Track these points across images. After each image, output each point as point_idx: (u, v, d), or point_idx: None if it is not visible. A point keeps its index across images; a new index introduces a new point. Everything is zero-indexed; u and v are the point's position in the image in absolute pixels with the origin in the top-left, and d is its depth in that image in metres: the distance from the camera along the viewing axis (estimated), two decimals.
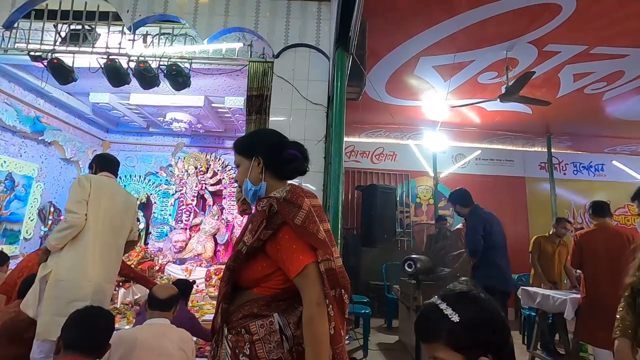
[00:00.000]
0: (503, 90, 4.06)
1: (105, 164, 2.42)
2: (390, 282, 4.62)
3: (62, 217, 5.22)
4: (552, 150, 6.27)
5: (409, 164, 6.81)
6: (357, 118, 5.88)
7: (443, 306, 0.79)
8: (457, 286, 0.84)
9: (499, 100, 4.13)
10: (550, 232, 4.11)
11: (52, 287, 2.02)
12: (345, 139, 7.36)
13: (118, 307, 3.78)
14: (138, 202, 6.26)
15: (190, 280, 3.11)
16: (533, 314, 4.02)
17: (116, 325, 3.31)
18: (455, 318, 0.76)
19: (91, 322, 1.57)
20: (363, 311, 3.61)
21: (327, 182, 3.01)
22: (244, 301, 1.16)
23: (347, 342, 3.66)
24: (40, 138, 5.39)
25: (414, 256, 2.34)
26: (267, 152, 1.24)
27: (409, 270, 2.29)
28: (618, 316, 1.51)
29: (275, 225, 1.11)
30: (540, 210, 6.48)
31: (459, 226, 5.01)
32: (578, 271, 3.39)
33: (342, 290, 1.11)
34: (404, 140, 6.82)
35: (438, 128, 5.68)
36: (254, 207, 1.25)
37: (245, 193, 1.24)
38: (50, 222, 5.52)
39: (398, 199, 6.62)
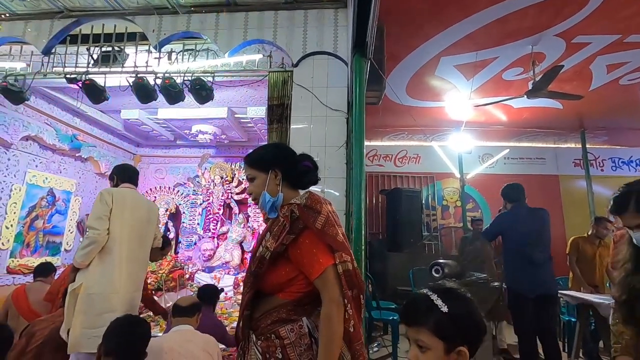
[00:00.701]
0: (530, 86, 3.92)
1: (125, 175, 2.45)
2: (418, 287, 4.51)
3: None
4: (587, 145, 5.96)
5: (433, 165, 6.68)
6: (379, 122, 5.84)
7: (434, 297, 0.87)
8: (447, 283, 0.94)
9: (526, 97, 3.98)
10: (589, 233, 3.88)
11: (82, 300, 2.08)
12: (367, 143, 7.29)
13: (152, 315, 3.91)
14: (168, 213, 6.49)
15: (219, 288, 3.18)
16: (573, 319, 3.80)
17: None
18: (445, 309, 0.84)
19: (130, 330, 1.65)
20: (391, 318, 3.54)
21: (349, 188, 3.00)
22: (270, 307, 1.19)
23: (376, 349, 3.61)
24: (77, 155, 5.72)
25: (441, 261, 2.28)
26: (285, 165, 1.30)
27: (437, 275, 2.23)
28: (614, 329, 1.33)
29: (297, 230, 1.17)
30: (576, 209, 6.16)
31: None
32: None
33: (358, 290, 1.17)
34: (427, 142, 6.70)
35: (463, 128, 5.54)
36: (269, 217, 1.29)
37: (263, 204, 1.27)
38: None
39: (424, 202, 6.49)
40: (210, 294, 2.88)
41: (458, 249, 5.83)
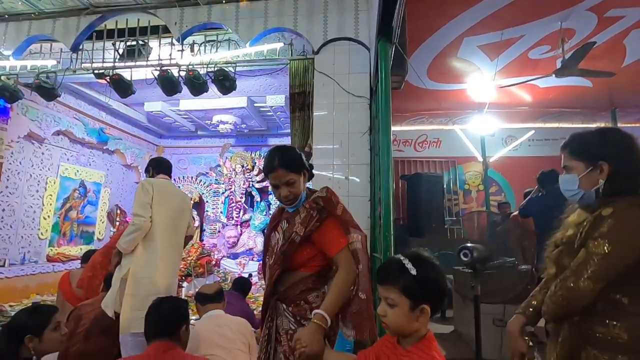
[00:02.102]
0: (559, 65, 3.78)
1: (161, 167, 2.59)
2: None
3: (128, 219, 5.73)
4: (618, 124, 5.72)
5: (455, 149, 6.57)
6: (399, 106, 5.76)
7: (405, 261, 1.00)
8: (419, 251, 1.07)
9: (554, 75, 3.84)
10: None
11: (132, 284, 2.21)
12: None
13: (184, 298, 4.09)
14: (192, 202, 6.68)
15: (247, 276, 3.35)
16: None
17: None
18: (413, 272, 0.98)
19: (165, 311, 1.71)
20: None
21: (373, 174, 3.02)
22: (295, 280, 1.42)
23: None
24: (104, 147, 5.93)
25: (469, 245, 2.28)
26: (307, 165, 1.50)
27: (465, 259, 2.23)
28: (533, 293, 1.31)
29: (322, 218, 1.40)
30: None
31: (515, 213, 4.78)
32: None
33: (364, 266, 1.40)
34: (448, 126, 6.57)
35: (486, 110, 5.41)
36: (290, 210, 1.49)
37: (298, 203, 1.46)
38: (117, 223, 6.07)
39: (445, 186, 6.42)
40: (243, 285, 3.11)
41: (487, 233, 5.79)
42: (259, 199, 6.50)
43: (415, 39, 3.90)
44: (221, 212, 6.63)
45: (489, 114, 5.61)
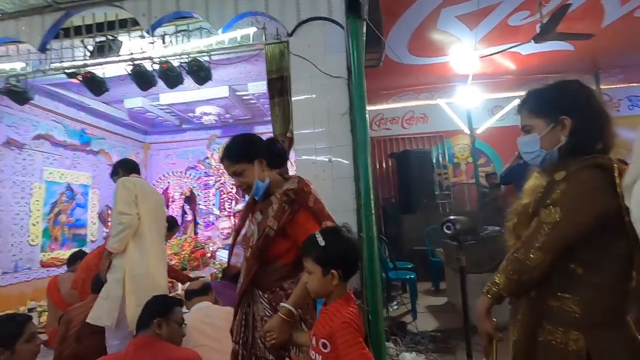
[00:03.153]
0: (538, 30, 3.74)
1: (131, 167, 2.59)
2: (433, 246, 4.59)
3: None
4: (602, 86, 5.72)
5: (442, 124, 6.56)
6: (381, 84, 5.71)
7: (317, 236, 1.18)
8: (335, 226, 1.27)
9: (533, 41, 3.81)
10: None
11: (130, 282, 2.21)
12: (372, 107, 7.17)
13: (180, 293, 4.12)
14: (183, 196, 6.66)
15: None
16: None
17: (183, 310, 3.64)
18: (322, 243, 1.15)
19: (153, 306, 1.75)
20: (408, 277, 3.65)
21: (355, 153, 3.00)
22: (271, 269, 1.45)
23: (395, 307, 3.73)
24: (88, 148, 5.83)
25: (452, 217, 2.30)
26: (267, 152, 1.49)
27: (448, 232, 2.26)
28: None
29: (294, 210, 1.41)
30: None
31: None
32: None
33: None
34: (434, 100, 6.53)
35: (469, 82, 5.37)
36: (258, 199, 1.51)
37: (257, 191, 1.48)
38: (110, 223, 6.04)
39: (434, 161, 6.45)
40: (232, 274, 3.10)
41: (476, 204, 5.85)
42: None
43: (391, 14, 3.84)
44: (213, 204, 6.62)
45: (474, 85, 5.58)
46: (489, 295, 1.10)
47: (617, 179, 0.93)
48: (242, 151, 1.46)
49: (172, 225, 3.64)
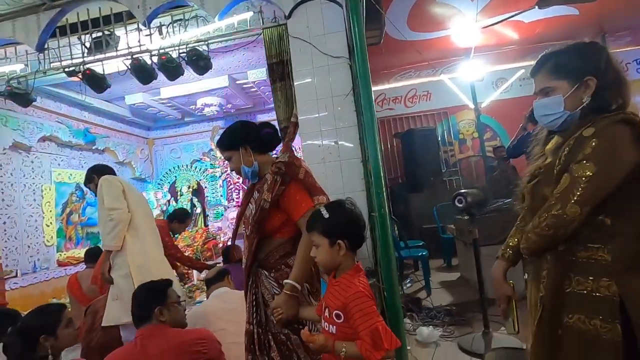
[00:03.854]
0: None
1: (106, 171, 2.55)
2: (443, 222, 4.59)
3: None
4: (610, 50, 5.57)
5: (445, 100, 6.46)
6: (383, 63, 5.62)
7: (322, 209, 1.20)
8: (339, 200, 1.25)
9: (537, 7, 3.70)
10: None
11: (137, 274, 2.19)
12: (374, 87, 7.07)
13: (195, 283, 4.19)
14: (191, 190, 6.70)
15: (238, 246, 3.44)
16: None
17: (197, 299, 3.70)
18: (326, 215, 1.18)
19: (136, 299, 1.69)
20: (420, 254, 3.67)
21: (362, 135, 2.98)
22: (273, 246, 1.50)
23: (409, 285, 3.76)
24: (94, 148, 5.87)
25: (463, 191, 2.29)
26: (250, 138, 1.57)
27: (460, 205, 2.25)
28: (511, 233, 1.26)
29: (285, 182, 1.46)
30: None
31: None
32: None
33: None
34: (436, 77, 6.43)
35: (472, 55, 5.26)
36: (253, 182, 1.61)
37: (245, 175, 1.57)
38: None
39: (439, 138, 6.39)
40: (229, 254, 3.14)
41: (485, 178, 5.81)
42: None
43: None
44: (221, 196, 6.66)
45: (476, 58, 5.47)
46: (505, 259, 1.15)
47: None
48: (228, 139, 1.58)
49: (183, 218, 3.68)
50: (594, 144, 0.97)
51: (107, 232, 2.23)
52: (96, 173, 2.53)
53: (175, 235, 4.05)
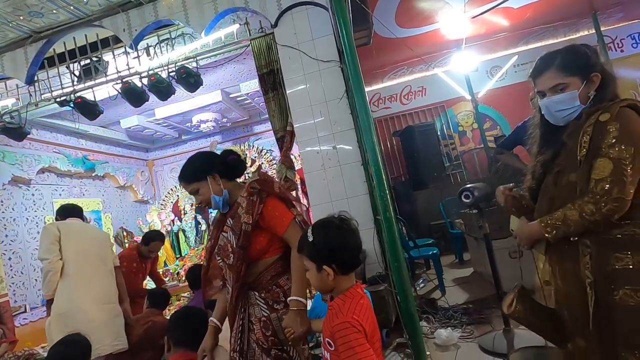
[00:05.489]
0: None
1: (67, 212, 2.74)
2: (451, 218, 4.51)
3: (136, 238, 5.73)
4: (602, 28, 5.50)
5: (441, 94, 6.40)
6: (375, 62, 5.58)
7: (309, 230, 1.14)
8: (327, 217, 1.17)
9: None
10: None
11: (55, 323, 2.34)
12: (368, 88, 7.03)
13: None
14: (194, 207, 6.64)
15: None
16: None
17: None
18: (311, 239, 1.10)
19: (192, 320, 1.75)
20: (431, 252, 3.59)
21: (360, 137, 2.92)
22: (263, 268, 1.45)
23: (422, 285, 3.67)
24: (93, 174, 5.85)
25: (469, 186, 2.22)
26: (217, 166, 1.51)
27: (467, 201, 2.18)
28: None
29: (263, 199, 1.43)
30: None
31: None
32: None
33: None
34: (430, 71, 6.37)
35: (464, 46, 5.21)
36: (224, 212, 1.54)
37: (216, 205, 1.50)
38: (127, 244, 6.08)
39: (439, 133, 6.31)
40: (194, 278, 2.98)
41: (489, 169, 5.72)
42: None
43: None
44: None
45: (468, 49, 5.41)
46: (549, 235, 1.11)
47: None
48: (193, 171, 1.51)
49: (147, 240, 3.59)
50: (617, 126, 1.04)
51: (42, 282, 2.40)
52: (59, 214, 2.74)
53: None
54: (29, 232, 4.71)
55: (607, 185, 1.02)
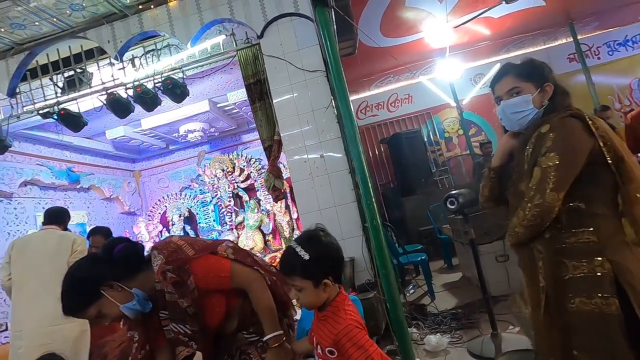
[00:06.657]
0: None
1: (45, 219, 2.64)
2: (439, 223, 4.56)
3: None
4: (579, 37, 5.70)
5: (427, 101, 6.52)
6: (360, 72, 5.66)
7: (298, 249, 1.08)
8: (308, 231, 1.15)
9: (504, 2, 3.77)
10: None
11: (13, 341, 2.37)
12: (355, 96, 7.12)
13: None
14: (182, 218, 6.56)
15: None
16: None
17: None
18: (306, 257, 1.06)
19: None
20: (419, 258, 3.61)
21: (346, 144, 2.95)
22: (237, 316, 1.35)
23: (412, 291, 3.68)
24: (78, 186, 5.73)
25: (454, 192, 2.26)
26: (105, 272, 1.21)
27: (452, 207, 2.22)
28: None
29: (189, 274, 1.22)
30: (580, 105, 5.92)
31: None
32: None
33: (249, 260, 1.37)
34: (415, 79, 6.49)
35: (447, 55, 5.33)
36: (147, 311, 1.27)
37: (134, 314, 1.22)
38: None
39: (426, 139, 6.41)
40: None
41: (474, 175, 5.82)
42: (247, 199, 6.42)
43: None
44: (214, 221, 6.55)
45: (452, 57, 5.54)
46: (509, 242, 1.20)
47: (590, 124, 1.09)
48: (80, 297, 1.19)
49: (88, 235, 3.41)
50: (552, 136, 1.10)
51: None
52: (42, 221, 2.68)
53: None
54: None
55: (532, 193, 1.10)
